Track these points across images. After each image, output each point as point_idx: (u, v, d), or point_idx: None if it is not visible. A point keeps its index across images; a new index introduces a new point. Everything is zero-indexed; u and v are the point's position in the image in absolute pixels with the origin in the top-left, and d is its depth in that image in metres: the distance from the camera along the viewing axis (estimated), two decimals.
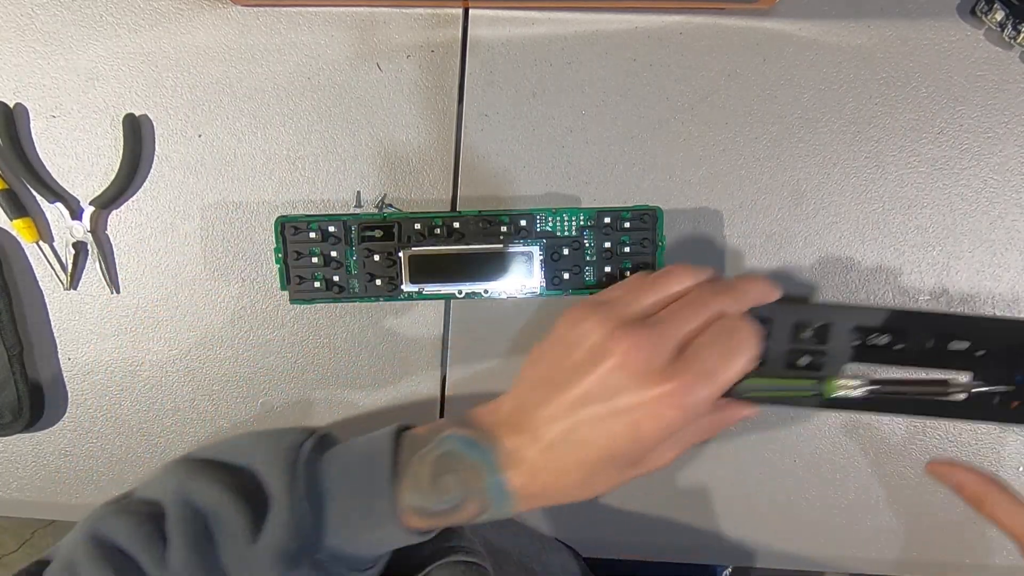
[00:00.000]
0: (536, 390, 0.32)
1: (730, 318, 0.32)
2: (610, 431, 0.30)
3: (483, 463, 0.32)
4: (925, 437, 0.47)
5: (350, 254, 0.43)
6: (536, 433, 0.31)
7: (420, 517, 0.32)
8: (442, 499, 0.32)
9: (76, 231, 0.46)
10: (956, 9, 0.43)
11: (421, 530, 0.33)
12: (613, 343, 0.30)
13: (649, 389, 0.29)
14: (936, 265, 0.46)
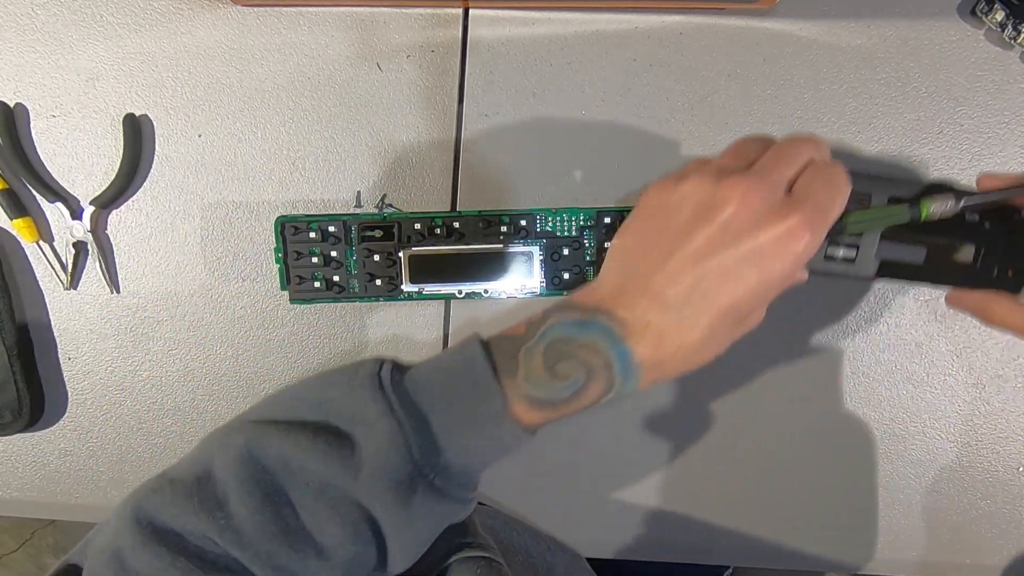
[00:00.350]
0: (645, 256, 0.31)
1: (822, 161, 0.32)
2: (739, 276, 0.29)
3: (602, 338, 0.30)
4: (925, 438, 0.47)
5: (350, 254, 0.43)
6: (659, 295, 0.30)
7: (540, 410, 0.31)
8: (563, 385, 0.30)
9: (76, 231, 0.46)
10: (956, 9, 0.43)
11: (540, 425, 0.32)
12: (726, 190, 0.29)
13: (774, 226, 0.29)
14: None
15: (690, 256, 0.30)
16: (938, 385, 0.47)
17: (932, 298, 0.46)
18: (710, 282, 0.29)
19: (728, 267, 0.29)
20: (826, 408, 0.47)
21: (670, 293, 0.30)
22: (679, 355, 0.30)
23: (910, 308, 0.46)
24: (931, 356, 0.47)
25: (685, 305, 0.30)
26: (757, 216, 0.29)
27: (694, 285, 0.30)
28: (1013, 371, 0.46)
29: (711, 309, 0.30)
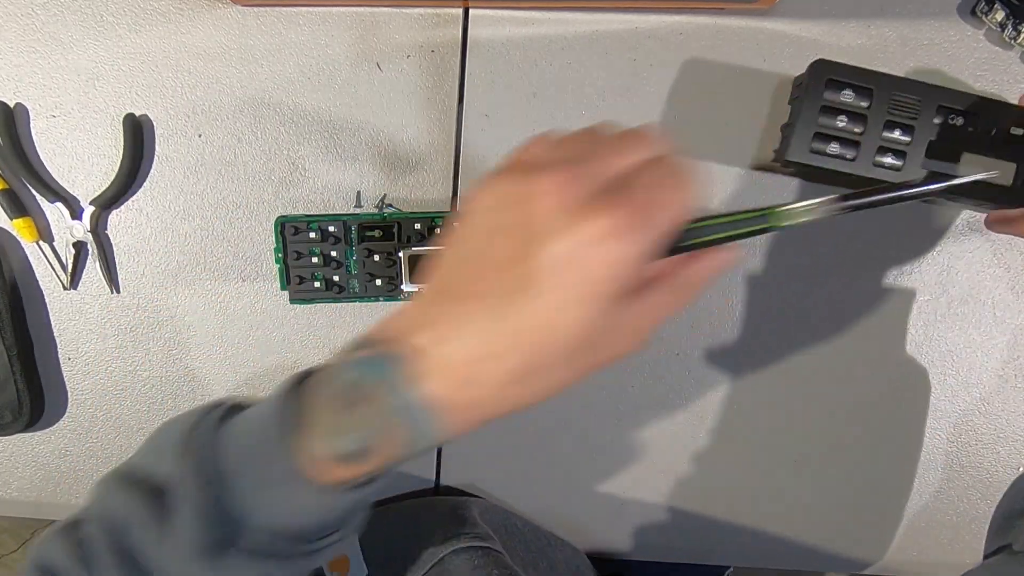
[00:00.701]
0: (447, 274, 0.27)
1: (664, 157, 0.27)
2: (546, 289, 0.24)
3: (390, 378, 0.25)
4: (925, 439, 0.47)
5: (350, 254, 0.43)
6: (457, 319, 0.25)
7: (339, 466, 0.27)
8: (350, 439, 0.26)
9: (76, 231, 0.46)
10: (956, 9, 0.43)
11: (346, 483, 0.28)
12: (532, 185, 0.24)
13: (587, 224, 0.23)
14: (936, 265, 0.46)
15: (490, 268, 0.25)
16: (938, 385, 0.47)
17: (931, 298, 0.46)
18: (512, 299, 0.24)
19: (531, 277, 0.24)
20: (826, 409, 0.47)
21: (469, 315, 0.25)
22: (490, 392, 0.25)
23: (910, 308, 0.46)
24: (930, 356, 0.47)
25: (477, 334, 0.25)
26: (567, 215, 0.24)
27: (494, 305, 0.24)
28: (1013, 371, 0.46)
29: (518, 333, 0.24)
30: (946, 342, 0.46)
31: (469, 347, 0.25)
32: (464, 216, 0.27)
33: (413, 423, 0.25)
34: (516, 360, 0.24)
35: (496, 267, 0.25)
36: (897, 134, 0.40)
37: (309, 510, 0.29)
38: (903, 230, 0.45)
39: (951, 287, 0.46)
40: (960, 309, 0.46)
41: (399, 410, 0.25)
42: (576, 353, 0.25)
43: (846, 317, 0.46)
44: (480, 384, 0.25)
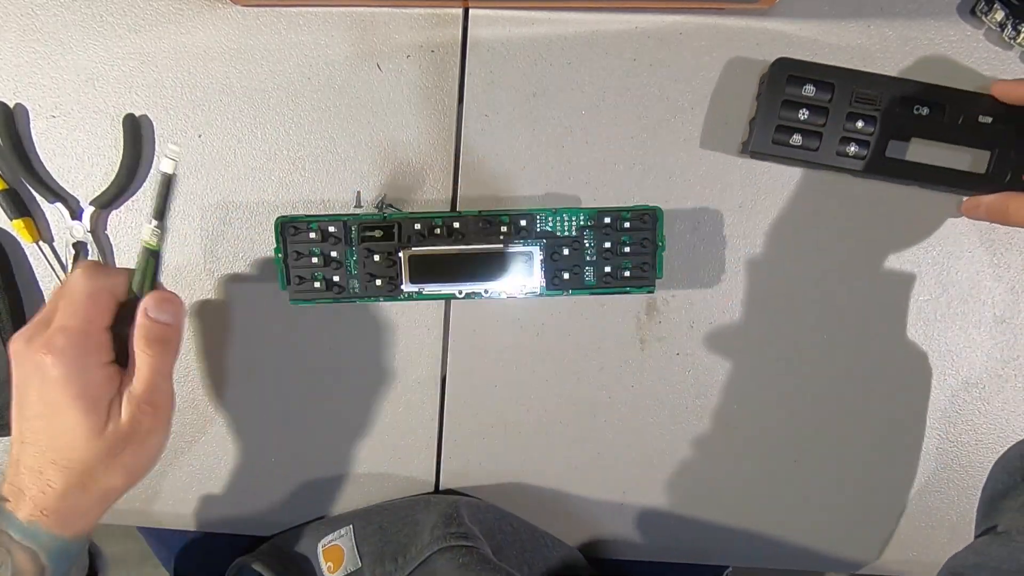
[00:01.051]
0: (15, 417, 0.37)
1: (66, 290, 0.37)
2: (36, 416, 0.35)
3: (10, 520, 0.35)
4: (925, 439, 0.47)
5: (350, 254, 0.43)
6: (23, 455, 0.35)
7: None
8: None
9: (76, 231, 0.46)
10: (956, 9, 0.43)
11: None
12: None
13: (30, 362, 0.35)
14: (936, 265, 0.46)
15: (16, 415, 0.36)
16: (937, 385, 0.47)
17: (931, 298, 0.46)
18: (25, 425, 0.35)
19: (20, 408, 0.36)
20: (826, 409, 0.47)
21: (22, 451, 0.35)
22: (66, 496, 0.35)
23: (910, 308, 0.46)
24: (931, 356, 0.47)
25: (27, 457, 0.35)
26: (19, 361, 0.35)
27: (19, 438, 0.36)
28: (1013, 371, 0.46)
29: (34, 449, 0.35)
30: (946, 342, 0.46)
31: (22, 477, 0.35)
32: None
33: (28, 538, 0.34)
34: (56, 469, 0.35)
35: None
36: (860, 125, 0.42)
37: None
38: (903, 230, 0.45)
39: (951, 287, 0.46)
40: (960, 309, 0.46)
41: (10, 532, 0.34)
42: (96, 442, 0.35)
43: (846, 317, 0.46)
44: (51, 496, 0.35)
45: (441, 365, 0.48)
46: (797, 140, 0.43)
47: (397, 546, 0.43)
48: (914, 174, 0.43)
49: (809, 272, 0.46)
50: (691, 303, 0.46)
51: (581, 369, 0.47)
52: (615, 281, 0.43)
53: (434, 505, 0.46)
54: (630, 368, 0.47)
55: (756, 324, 0.46)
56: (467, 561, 0.40)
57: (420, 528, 0.44)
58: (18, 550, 0.34)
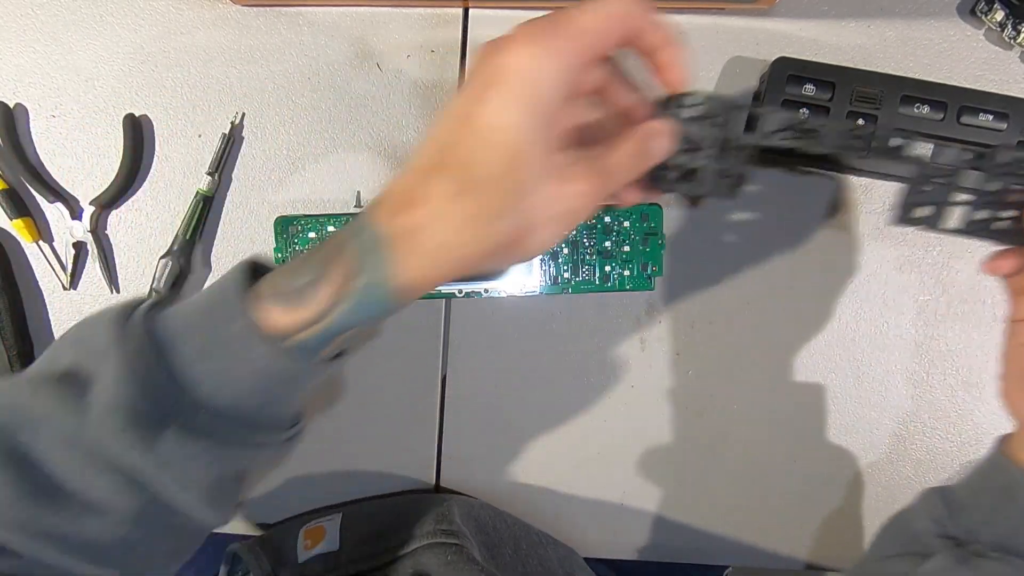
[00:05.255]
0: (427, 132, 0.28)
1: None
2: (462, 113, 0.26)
3: (350, 225, 0.27)
4: (924, 438, 0.47)
5: None
6: (406, 170, 0.27)
7: (282, 309, 0.26)
8: (300, 272, 0.26)
9: (76, 231, 0.46)
10: (956, 9, 0.43)
11: (292, 331, 0.27)
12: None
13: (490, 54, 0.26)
14: (936, 265, 0.46)
15: (445, 111, 0.27)
16: (937, 385, 0.47)
17: (931, 298, 0.46)
18: (440, 131, 0.26)
19: (453, 110, 0.26)
20: (825, 409, 0.47)
21: (419, 156, 0.27)
22: (430, 218, 0.25)
23: (908, 308, 0.46)
24: (930, 356, 0.47)
25: (430, 158, 0.26)
26: (481, 53, 0.27)
27: (442, 135, 0.26)
28: None
29: (444, 155, 0.26)
30: (946, 342, 0.46)
31: (404, 187, 0.26)
32: None
33: (363, 247, 0.26)
34: (450, 175, 0.25)
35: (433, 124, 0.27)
36: (860, 124, 0.41)
37: (262, 374, 0.27)
38: (903, 229, 0.45)
39: (951, 287, 0.46)
40: (960, 309, 0.46)
41: (351, 238, 0.26)
42: (509, 176, 0.25)
43: (846, 317, 0.46)
44: (418, 215, 0.25)
45: (441, 365, 0.48)
46: None
47: (382, 535, 0.43)
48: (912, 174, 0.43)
49: (809, 272, 0.46)
50: (691, 303, 0.46)
51: (581, 369, 0.47)
52: (615, 281, 0.43)
53: (427, 503, 0.46)
54: (630, 368, 0.47)
55: (756, 324, 0.46)
56: (455, 559, 0.40)
57: (409, 522, 0.44)
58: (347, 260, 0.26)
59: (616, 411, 0.48)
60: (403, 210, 0.26)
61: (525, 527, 0.49)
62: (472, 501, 0.48)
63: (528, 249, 0.27)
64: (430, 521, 0.43)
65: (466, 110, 0.25)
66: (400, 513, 0.46)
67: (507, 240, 0.26)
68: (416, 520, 0.44)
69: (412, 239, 0.25)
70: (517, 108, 0.25)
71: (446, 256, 0.26)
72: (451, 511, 0.44)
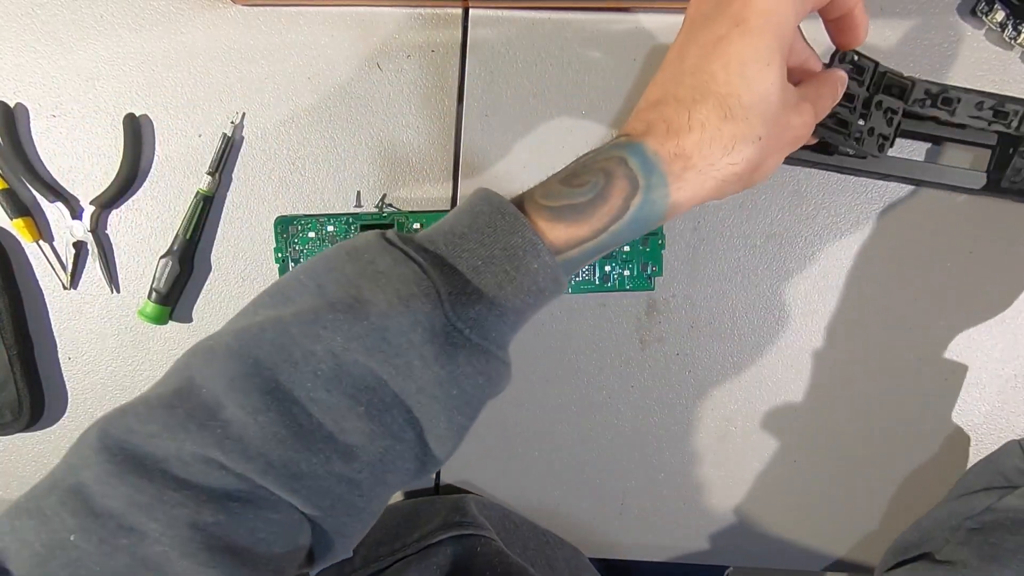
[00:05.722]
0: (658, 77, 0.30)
1: None
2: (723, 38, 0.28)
3: (616, 145, 0.28)
4: (924, 438, 0.47)
5: None
6: (668, 95, 0.29)
7: (565, 224, 0.28)
8: (583, 190, 0.28)
9: (76, 231, 0.46)
10: (956, 9, 0.43)
11: (569, 245, 0.28)
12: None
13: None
14: (936, 265, 0.45)
15: (674, 56, 0.30)
16: (938, 385, 0.47)
17: (931, 298, 0.46)
18: (696, 65, 0.28)
19: (706, 43, 0.28)
20: (826, 409, 0.47)
21: (666, 93, 0.29)
22: (699, 144, 0.28)
23: (910, 308, 0.46)
24: (931, 356, 0.46)
25: (680, 92, 0.28)
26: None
27: (682, 76, 0.29)
28: (1013, 371, 0.46)
29: (706, 87, 0.28)
30: (946, 342, 0.46)
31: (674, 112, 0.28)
32: None
33: (643, 168, 0.28)
34: (714, 104, 0.28)
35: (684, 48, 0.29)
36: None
37: (537, 289, 0.28)
38: (903, 229, 0.45)
39: (950, 287, 0.46)
40: (960, 309, 0.46)
41: (629, 157, 0.28)
42: (763, 104, 0.28)
43: (845, 316, 0.46)
44: (691, 139, 0.28)
45: None
46: None
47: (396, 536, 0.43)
48: (915, 173, 0.43)
49: (809, 272, 0.46)
50: (691, 303, 0.46)
51: (581, 369, 0.47)
52: (615, 281, 0.43)
53: (440, 502, 0.46)
54: (630, 368, 0.47)
55: (756, 324, 0.46)
56: (485, 551, 0.40)
57: (424, 520, 0.44)
58: (622, 177, 0.28)
59: (616, 411, 0.48)
60: (675, 135, 0.28)
61: (532, 527, 0.49)
62: (482, 499, 0.48)
63: (762, 174, 0.31)
64: (450, 515, 0.43)
65: (721, 47, 0.28)
66: (411, 514, 0.46)
67: (754, 165, 0.29)
68: (431, 518, 0.44)
69: (687, 160, 0.28)
70: (768, 45, 0.28)
71: (712, 176, 0.28)
72: (468, 506, 0.44)
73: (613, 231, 0.28)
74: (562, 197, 0.28)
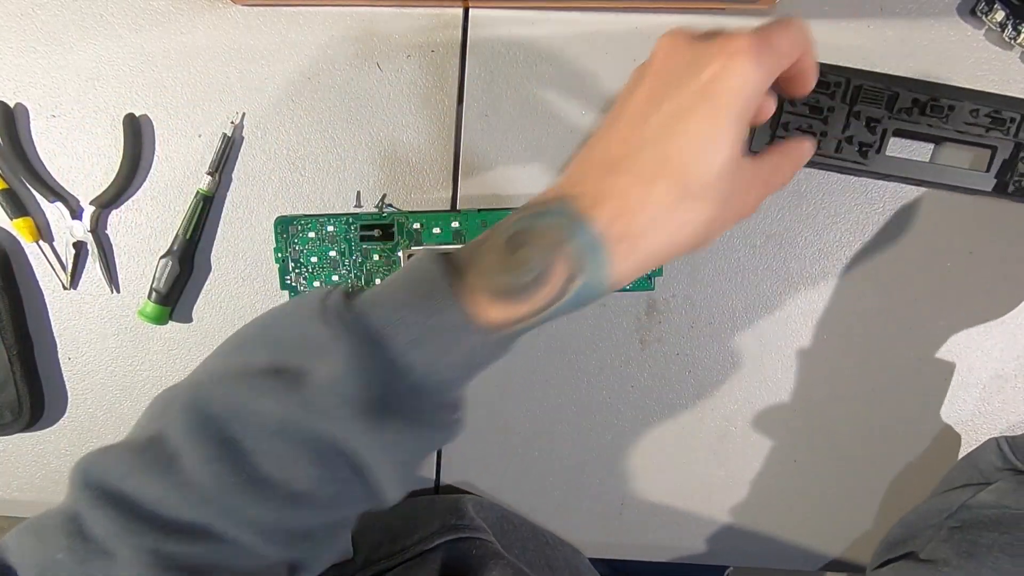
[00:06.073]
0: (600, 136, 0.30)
1: None
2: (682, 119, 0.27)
3: (558, 218, 0.27)
4: (925, 438, 0.47)
5: (350, 254, 0.43)
6: (610, 163, 0.28)
7: (503, 304, 0.28)
8: (522, 270, 0.27)
9: (76, 231, 0.46)
10: (956, 9, 0.43)
11: (509, 325, 0.28)
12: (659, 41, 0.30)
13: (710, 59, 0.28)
14: (936, 265, 0.45)
15: (635, 114, 0.29)
16: (937, 385, 0.47)
17: (931, 298, 0.46)
18: (657, 135, 0.28)
19: (670, 112, 0.28)
20: (826, 409, 0.47)
21: (620, 157, 0.28)
22: (649, 224, 0.27)
23: (910, 308, 0.46)
24: (930, 356, 0.46)
25: (637, 164, 0.28)
26: (693, 54, 0.28)
27: (641, 143, 0.28)
28: (1013, 371, 0.46)
29: (665, 164, 0.27)
30: (946, 342, 0.46)
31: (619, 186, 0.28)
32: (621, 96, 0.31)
33: (586, 249, 0.27)
34: (660, 194, 0.27)
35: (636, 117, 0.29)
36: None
37: (473, 359, 0.29)
38: (903, 229, 0.45)
39: (951, 287, 0.46)
40: (960, 309, 0.46)
41: (572, 237, 0.27)
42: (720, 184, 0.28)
43: (845, 316, 0.46)
44: (635, 219, 0.27)
45: None
46: None
47: (396, 538, 0.43)
48: (914, 173, 0.43)
49: (809, 272, 0.46)
50: (691, 303, 0.46)
51: (581, 369, 0.47)
52: None
53: (438, 502, 0.46)
54: (630, 368, 0.47)
55: (756, 324, 0.46)
56: (482, 553, 0.40)
57: (423, 521, 0.44)
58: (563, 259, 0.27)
59: (616, 411, 0.48)
60: (627, 214, 0.27)
61: (532, 527, 0.49)
62: (482, 499, 0.48)
63: (709, 243, 0.30)
64: (447, 517, 0.43)
65: (685, 122, 0.27)
66: (410, 514, 0.46)
67: (699, 242, 0.29)
68: (430, 519, 0.44)
69: (633, 242, 0.28)
70: (733, 125, 0.27)
71: (657, 255, 0.28)
72: (465, 507, 0.44)
73: (553, 310, 0.28)
74: (503, 274, 0.28)
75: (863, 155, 0.42)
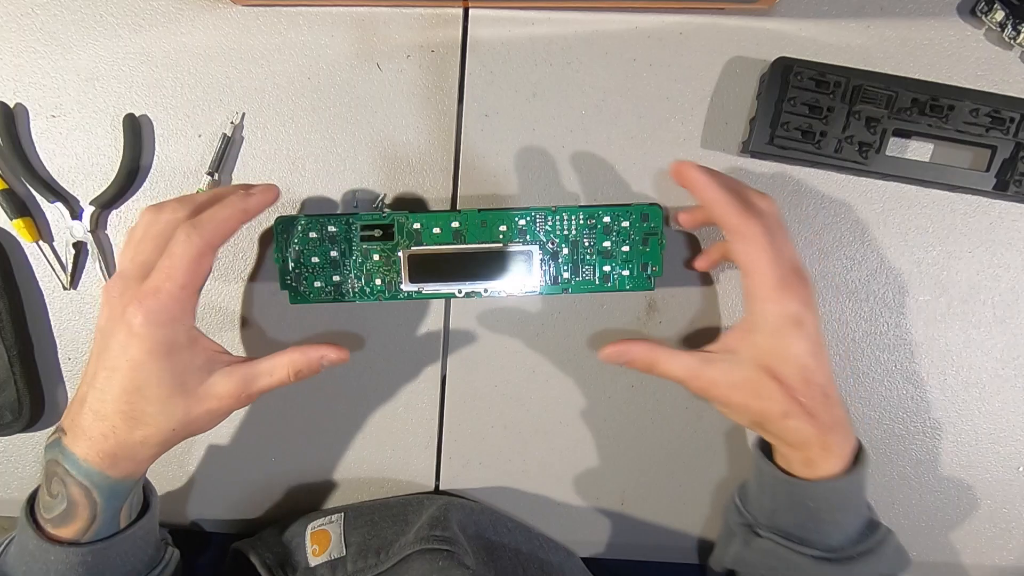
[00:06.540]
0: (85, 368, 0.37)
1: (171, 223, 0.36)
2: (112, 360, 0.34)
3: (56, 450, 0.36)
4: (925, 438, 0.47)
5: (350, 254, 0.43)
6: (82, 399, 0.35)
7: (64, 528, 0.35)
8: (56, 502, 0.35)
9: (76, 231, 0.46)
10: (956, 9, 0.43)
11: (79, 536, 0.36)
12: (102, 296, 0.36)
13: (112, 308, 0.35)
14: (936, 265, 0.46)
15: (93, 360, 0.36)
16: (938, 385, 0.47)
17: (931, 298, 0.46)
18: (108, 371, 0.34)
19: (107, 347, 0.34)
20: None
21: (99, 398, 0.35)
22: (124, 444, 0.35)
23: (910, 308, 0.46)
24: (931, 356, 0.47)
25: (95, 401, 0.35)
26: (111, 306, 0.35)
27: (103, 384, 0.34)
28: (1013, 371, 0.46)
29: (105, 396, 0.34)
30: (946, 342, 0.46)
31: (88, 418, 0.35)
32: None
33: (87, 478, 0.35)
34: (116, 422, 0.34)
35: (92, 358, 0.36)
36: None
37: (66, 568, 0.35)
38: (903, 229, 0.45)
39: (951, 287, 0.46)
40: (960, 309, 0.46)
41: (71, 469, 0.35)
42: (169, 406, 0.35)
43: (846, 317, 0.46)
44: (112, 441, 0.35)
45: (441, 365, 0.48)
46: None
47: (383, 541, 0.43)
48: (914, 173, 0.43)
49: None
50: (691, 303, 0.46)
51: (581, 369, 0.47)
52: (615, 281, 0.43)
53: (427, 506, 0.46)
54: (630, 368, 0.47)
55: None
56: (445, 565, 0.40)
57: (408, 527, 0.44)
58: (73, 485, 0.35)
59: (616, 411, 0.48)
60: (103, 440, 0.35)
61: (526, 531, 0.49)
62: (472, 505, 0.48)
63: (200, 431, 0.37)
64: (425, 527, 0.43)
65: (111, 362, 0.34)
66: (399, 517, 0.46)
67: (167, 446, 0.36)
68: (413, 525, 0.44)
69: (114, 457, 0.35)
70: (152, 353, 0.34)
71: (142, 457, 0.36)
72: (447, 516, 0.44)
73: (100, 521, 0.36)
74: (51, 507, 0.35)
75: (863, 155, 0.42)
